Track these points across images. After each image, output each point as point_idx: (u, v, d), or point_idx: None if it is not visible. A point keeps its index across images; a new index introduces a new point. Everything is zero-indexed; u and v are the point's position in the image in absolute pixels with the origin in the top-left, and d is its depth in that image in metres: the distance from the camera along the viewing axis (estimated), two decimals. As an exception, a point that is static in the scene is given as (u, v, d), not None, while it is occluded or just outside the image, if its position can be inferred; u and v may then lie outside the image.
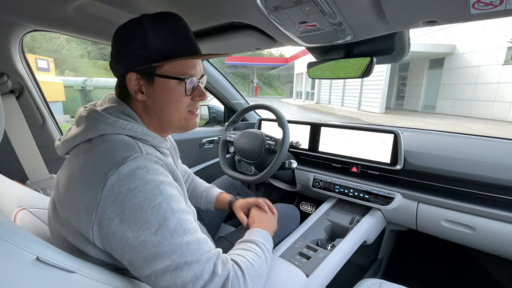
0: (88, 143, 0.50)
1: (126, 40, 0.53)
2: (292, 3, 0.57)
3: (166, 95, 0.54)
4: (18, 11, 0.80)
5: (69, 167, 0.49)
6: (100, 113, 0.51)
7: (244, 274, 0.51)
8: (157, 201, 0.44)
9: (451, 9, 0.54)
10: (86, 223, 0.44)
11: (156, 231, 0.43)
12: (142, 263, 0.43)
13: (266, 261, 0.61)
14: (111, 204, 0.43)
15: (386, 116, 10.86)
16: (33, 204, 0.65)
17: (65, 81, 7.24)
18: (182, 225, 0.46)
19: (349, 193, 1.18)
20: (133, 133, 0.52)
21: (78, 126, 0.52)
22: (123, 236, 0.43)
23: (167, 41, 0.53)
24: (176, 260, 0.43)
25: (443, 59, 11.47)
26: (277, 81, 38.53)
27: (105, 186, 0.43)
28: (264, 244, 0.64)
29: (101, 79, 7.88)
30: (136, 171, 0.45)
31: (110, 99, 0.57)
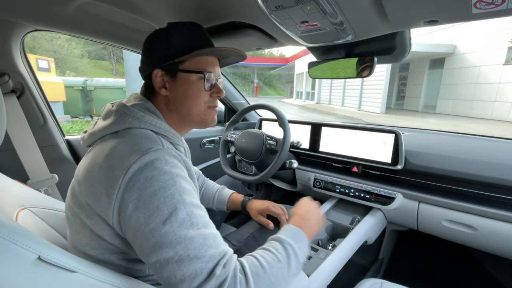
0: (114, 135, 0.53)
1: (153, 45, 0.61)
2: (293, 3, 0.57)
3: (187, 89, 0.60)
4: (19, 11, 0.80)
5: (93, 155, 0.52)
6: (129, 108, 0.56)
7: (248, 281, 0.46)
8: (170, 191, 0.46)
9: (453, 9, 0.53)
10: (106, 206, 0.46)
11: (165, 219, 0.44)
12: (150, 250, 0.44)
13: (288, 266, 0.51)
14: (129, 190, 0.45)
15: (386, 116, 10.86)
16: (34, 204, 0.65)
17: (65, 81, 7.25)
18: (191, 218, 0.46)
19: (350, 193, 1.18)
20: (157, 128, 0.56)
21: (106, 119, 0.56)
22: (136, 221, 0.45)
23: (187, 39, 0.60)
24: (180, 252, 0.44)
25: (443, 59, 11.46)
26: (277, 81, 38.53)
27: (127, 172, 0.46)
28: (292, 246, 0.55)
29: (102, 79, 7.88)
30: (156, 161, 0.48)
31: (136, 97, 0.61)
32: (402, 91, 14.47)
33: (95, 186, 0.48)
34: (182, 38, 0.59)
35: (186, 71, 0.59)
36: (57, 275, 0.38)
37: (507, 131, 7.58)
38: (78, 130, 5.96)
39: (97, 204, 0.48)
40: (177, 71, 0.59)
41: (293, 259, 0.53)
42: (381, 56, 0.85)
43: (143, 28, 0.87)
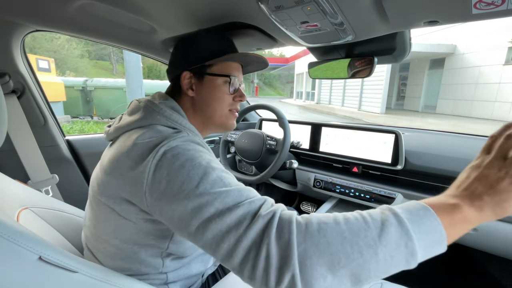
0: (140, 129, 0.55)
1: (184, 48, 0.65)
2: (293, 3, 0.57)
3: (213, 92, 0.63)
4: (20, 11, 0.80)
5: (118, 146, 0.54)
6: (158, 105, 0.58)
7: (310, 222, 0.38)
8: (197, 160, 0.48)
9: (453, 9, 0.54)
10: (138, 191, 0.47)
11: (197, 183, 0.45)
12: (190, 216, 0.44)
13: (379, 231, 0.36)
14: (159, 169, 0.47)
15: (386, 116, 10.86)
16: (35, 204, 0.65)
17: (65, 81, 7.25)
18: (222, 180, 0.47)
19: (350, 193, 1.18)
20: (182, 127, 0.58)
21: (132, 115, 0.58)
22: (170, 192, 0.45)
23: (217, 45, 0.65)
24: (219, 207, 0.43)
25: (443, 59, 11.47)
26: (277, 81, 38.54)
27: (156, 155, 0.48)
28: (396, 214, 0.38)
29: (102, 79, 7.88)
30: (181, 143, 0.50)
31: (161, 96, 0.63)
32: (402, 91, 14.47)
33: (125, 174, 0.49)
34: (212, 43, 0.64)
35: (213, 75, 0.63)
36: (57, 275, 0.38)
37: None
38: (78, 130, 5.97)
39: (128, 191, 0.49)
40: (204, 74, 0.63)
41: (392, 229, 0.36)
42: (381, 56, 0.85)
43: (143, 28, 0.88)
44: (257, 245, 0.38)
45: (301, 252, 0.36)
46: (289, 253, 0.36)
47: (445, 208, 0.38)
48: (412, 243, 0.35)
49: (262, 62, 0.71)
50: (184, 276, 0.64)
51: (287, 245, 0.37)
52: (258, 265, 0.37)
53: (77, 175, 1.20)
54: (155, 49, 1.08)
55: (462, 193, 0.39)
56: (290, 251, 0.36)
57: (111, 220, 0.53)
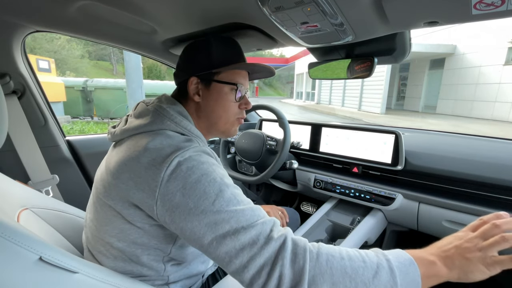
0: (149, 133, 0.55)
1: (193, 53, 0.65)
2: (293, 4, 0.57)
3: (219, 99, 0.64)
4: (20, 12, 0.81)
5: (126, 149, 0.54)
6: (168, 111, 0.58)
7: (320, 253, 0.44)
8: (212, 176, 0.49)
9: (453, 10, 0.54)
10: (149, 198, 0.48)
11: (214, 200, 0.47)
12: (204, 230, 0.46)
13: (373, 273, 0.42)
14: (174, 181, 0.48)
15: (386, 117, 10.85)
16: (35, 204, 0.65)
17: (66, 82, 7.26)
18: (236, 197, 0.49)
19: (350, 194, 1.18)
20: (190, 133, 0.59)
21: (140, 118, 0.58)
22: (185, 206, 0.47)
23: (226, 53, 0.65)
24: (234, 225, 0.46)
25: (443, 60, 11.47)
26: (277, 82, 38.55)
27: (170, 166, 0.48)
28: (388, 260, 0.44)
29: (102, 80, 7.89)
30: (194, 155, 0.51)
31: (168, 100, 0.63)
32: (402, 92, 14.47)
33: (135, 179, 0.50)
34: (221, 51, 0.64)
35: (221, 82, 0.63)
36: (58, 276, 0.38)
37: (507, 131, 7.57)
38: (78, 131, 5.97)
39: (138, 197, 0.49)
40: (212, 81, 0.63)
41: (383, 273, 0.42)
42: (381, 57, 0.85)
43: (143, 29, 0.88)
44: (271, 265, 0.43)
45: (311, 278, 0.42)
46: (301, 277, 0.42)
47: (424, 262, 0.45)
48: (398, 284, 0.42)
49: (269, 71, 0.72)
50: (185, 276, 0.64)
51: (301, 270, 0.42)
52: (270, 282, 0.43)
53: (77, 175, 1.20)
54: (155, 49, 1.08)
55: (440, 253, 0.47)
56: (302, 276, 0.42)
57: (115, 223, 0.53)
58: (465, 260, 0.46)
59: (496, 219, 0.48)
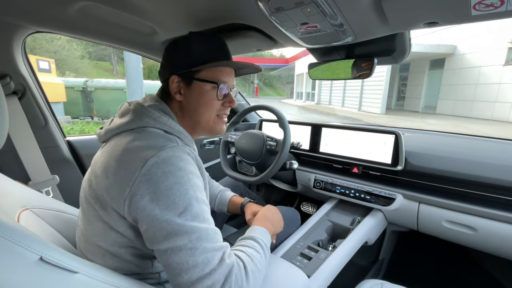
0: (130, 132, 0.56)
1: (174, 52, 0.64)
2: (293, 5, 0.57)
3: (201, 97, 0.63)
4: (21, 13, 0.81)
5: (109, 149, 0.55)
6: (147, 108, 0.59)
7: (245, 267, 0.53)
8: (185, 187, 0.49)
9: (452, 11, 0.54)
10: (119, 197, 0.49)
11: (180, 213, 0.48)
12: (164, 237, 0.47)
13: (264, 256, 0.62)
14: (146, 182, 0.48)
15: (386, 117, 10.85)
16: (36, 205, 0.65)
17: (66, 82, 7.26)
18: (203, 214, 0.51)
19: (350, 194, 1.18)
20: (171, 129, 0.59)
21: (123, 117, 0.59)
22: (151, 212, 0.47)
23: (206, 49, 0.63)
24: (194, 241, 0.47)
25: (443, 60, 11.46)
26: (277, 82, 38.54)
27: (145, 165, 0.48)
28: (263, 240, 0.65)
29: (102, 80, 7.89)
30: (172, 157, 0.51)
31: (152, 98, 0.64)
32: (402, 92, 14.46)
33: (111, 178, 0.50)
34: (201, 48, 0.63)
35: (202, 80, 0.62)
36: (59, 276, 0.39)
37: (508, 131, 7.57)
38: (78, 131, 5.97)
39: (111, 196, 0.50)
40: (193, 79, 0.62)
41: (266, 249, 0.64)
42: (381, 57, 0.86)
43: (143, 30, 0.88)
44: (220, 285, 0.47)
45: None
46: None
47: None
48: (269, 250, 0.67)
49: (254, 68, 0.72)
50: None
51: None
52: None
53: (77, 175, 1.20)
54: (156, 50, 1.08)
55: (262, 225, 0.73)
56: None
57: (97, 224, 0.54)
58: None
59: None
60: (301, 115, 12.78)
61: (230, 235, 0.95)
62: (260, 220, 0.77)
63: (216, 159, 1.76)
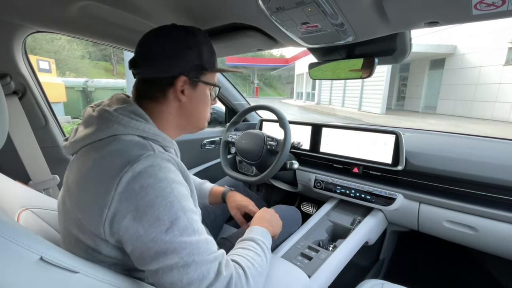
0: (99, 142, 0.50)
1: (183, 47, 0.57)
2: (294, 4, 0.57)
3: (203, 99, 0.63)
4: (21, 13, 0.81)
5: (79, 166, 0.50)
6: (113, 114, 0.52)
7: (246, 273, 0.52)
8: (169, 199, 0.45)
9: (453, 10, 0.54)
10: (97, 220, 0.44)
11: (167, 229, 0.44)
12: (152, 258, 0.44)
13: (266, 258, 0.61)
14: (125, 201, 0.44)
15: (387, 117, 10.85)
16: (36, 205, 0.65)
17: (66, 82, 7.25)
18: (192, 225, 0.47)
19: (350, 194, 1.18)
20: (145, 133, 0.53)
21: (88, 127, 0.52)
22: (135, 232, 0.44)
23: (212, 55, 0.62)
24: (185, 258, 0.44)
25: (444, 60, 11.46)
26: (277, 82, 38.55)
27: (120, 183, 0.44)
28: (263, 242, 0.65)
29: (102, 80, 7.89)
30: (150, 168, 0.46)
31: (119, 100, 0.57)
32: (403, 92, 14.46)
33: (85, 201, 0.46)
34: (209, 54, 0.61)
35: (206, 83, 0.61)
36: (59, 276, 0.38)
37: (508, 131, 7.56)
38: (78, 131, 5.96)
39: (88, 219, 0.46)
40: (199, 81, 0.60)
41: (266, 252, 0.64)
42: (381, 57, 0.86)
43: (143, 29, 0.87)
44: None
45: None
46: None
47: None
48: (270, 251, 0.67)
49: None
50: None
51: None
52: None
53: (77, 175, 1.20)
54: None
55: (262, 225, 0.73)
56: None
57: (80, 245, 0.49)
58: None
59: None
60: (301, 115, 12.78)
61: (230, 234, 0.95)
62: (259, 221, 0.77)
63: (216, 159, 1.76)
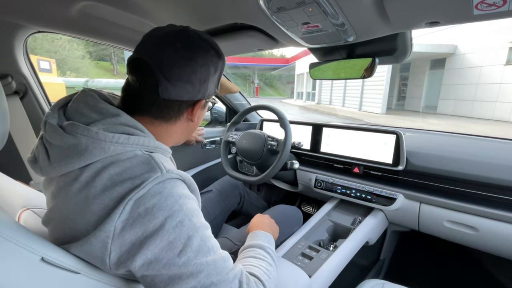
0: (91, 166, 0.43)
1: (212, 73, 0.53)
2: (295, 4, 0.57)
3: (203, 114, 0.62)
4: (23, 13, 0.81)
5: (70, 193, 0.43)
6: (107, 135, 0.43)
7: (264, 286, 0.51)
8: (179, 218, 0.41)
9: (454, 10, 0.54)
10: (101, 251, 0.40)
11: (180, 251, 0.41)
12: (166, 284, 0.41)
13: (276, 267, 0.62)
14: (130, 228, 0.40)
15: (387, 117, 10.84)
16: (37, 205, 0.65)
17: (66, 82, 7.26)
18: (206, 243, 0.44)
19: (351, 194, 1.17)
20: (145, 147, 0.47)
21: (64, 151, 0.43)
22: (144, 260, 0.40)
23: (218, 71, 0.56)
24: (203, 280, 0.41)
25: (444, 60, 11.45)
26: (278, 82, 38.54)
27: (123, 211, 0.40)
28: (272, 250, 0.65)
29: (103, 80, 7.91)
30: (154, 187, 0.42)
31: (99, 110, 0.47)
32: (403, 92, 14.46)
33: (88, 230, 0.41)
34: (219, 69, 0.56)
35: (211, 101, 0.62)
36: (60, 276, 0.38)
37: (508, 131, 7.55)
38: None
39: (89, 249, 0.41)
40: (208, 101, 0.58)
41: (276, 260, 0.64)
42: (382, 57, 0.85)
43: (144, 29, 0.87)
44: None
45: None
46: None
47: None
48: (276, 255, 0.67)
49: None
50: None
51: None
52: None
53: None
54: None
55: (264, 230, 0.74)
56: None
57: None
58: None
59: None
60: (302, 115, 12.77)
61: (231, 234, 0.95)
62: (259, 225, 0.77)
63: (217, 159, 1.76)
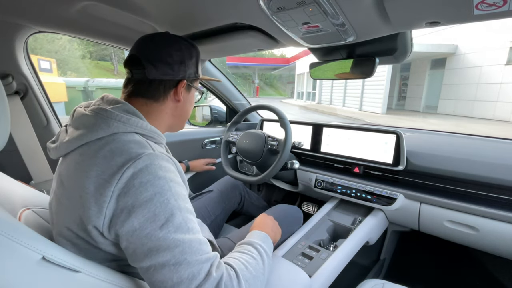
0: (97, 141, 0.51)
1: (186, 56, 0.64)
2: (295, 4, 0.57)
3: (192, 101, 0.71)
4: (23, 13, 0.81)
5: (76, 164, 0.50)
6: (113, 112, 0.53)
7: (238, 275, 0.52)
8: (166, 196, 0.47)
9: (455, 10, 0.54)
10: (97, 215, 0.45)
11: (162, 225, 0.45)
12: (145, 254, 0.45)
13: (263, 262, 0.61)
14: (124, 196, 0.45)
15: (387, 117, 10.84)
16: (37, 204, 0.65)
17: (67, 82, 7.26)
18: (187, 224, 0.48)
19: (351, 194, 1.18)
20: (143, 130, 0.56)
21: (83, 126, 0.52)
22: (130, 226, 0.45)
23: (200, 65, 0.71)
24: (177, 256, 0.45)
25: (445, 59, 11.44)
26: (278, 82, 38.54)
27: (121, 178, 0.45)
28: (261, 246, 0.65)
29: (103, 80, 7.90)
30: (150, 166, 0.48)
31: (110, 101, 0.58)
32: (403, 92, 14.45)
33: (84, 196, 0.46)
34: (198, 59, 0.68)
35: (196, 88, 0.70)
36: (61, 275, 0.39)
37: (509, 131, 7.54)
38: (79, 131, 5.96)
39: (87, 214, 0.46)
40: (192, 86, 0.68)
41: (264, 255, 0.63)
42: (382, 57, 0.86)
43: (144, 29, 0.88)
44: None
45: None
46: None
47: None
48: (269, 255, 0.67)
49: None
50: None
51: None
52: None
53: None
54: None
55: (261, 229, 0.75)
56: None
57: (80, 245, 0.50)
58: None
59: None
60: (302, 115, 12.77)
61: (232, 234, 0.95)
62: (261, 226, 0.78)
63: (217, 159, 1.76)
